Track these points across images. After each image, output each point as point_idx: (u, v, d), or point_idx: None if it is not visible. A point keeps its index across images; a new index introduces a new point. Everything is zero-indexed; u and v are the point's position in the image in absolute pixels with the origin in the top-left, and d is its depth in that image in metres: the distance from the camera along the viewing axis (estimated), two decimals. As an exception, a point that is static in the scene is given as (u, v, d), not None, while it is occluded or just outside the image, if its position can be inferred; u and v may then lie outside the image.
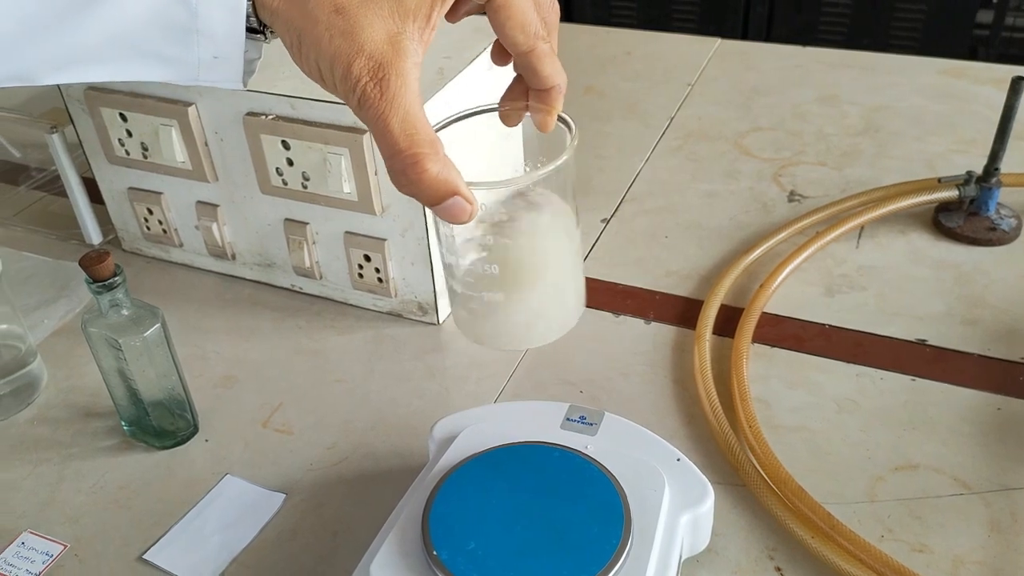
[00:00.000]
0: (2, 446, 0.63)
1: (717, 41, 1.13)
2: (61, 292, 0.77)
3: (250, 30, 0.38)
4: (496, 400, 0.64)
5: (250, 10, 0.37)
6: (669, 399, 0.63)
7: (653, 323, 0.70)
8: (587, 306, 0.71)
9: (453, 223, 0.38)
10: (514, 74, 0.44)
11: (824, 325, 0.68)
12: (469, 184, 0.38)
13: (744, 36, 1.86)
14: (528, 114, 0.45)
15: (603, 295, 0.73)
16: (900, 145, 0.90)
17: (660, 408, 0.62)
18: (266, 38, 0.39)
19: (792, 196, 0.84)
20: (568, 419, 0.52)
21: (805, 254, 0.74)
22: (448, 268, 0.46)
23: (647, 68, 1.09)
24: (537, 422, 0.52)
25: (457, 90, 0.67)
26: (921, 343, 0.66)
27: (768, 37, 1.85)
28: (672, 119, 0.98)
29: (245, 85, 0.41)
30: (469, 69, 0.68)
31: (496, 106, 0.46)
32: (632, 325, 0.70)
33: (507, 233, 0.44)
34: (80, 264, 0.55)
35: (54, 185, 0.92)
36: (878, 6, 1.74)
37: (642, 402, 0.63)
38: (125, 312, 0.57)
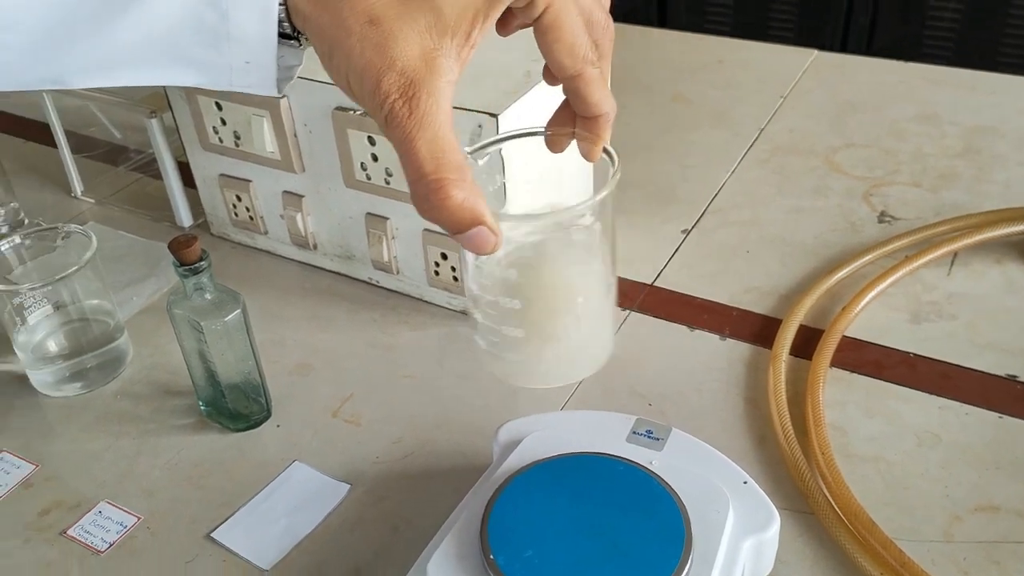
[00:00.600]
0: (88, 417, 0.66)
1: (814, 53, 1.10)
2: (151, 272, 0.80)
3: (283, 35, 0.37)
4: (563, 407, 0.63)
5: (283, 15, 0.36)
6: (740, 419, 0.61)
7: (729, 339, 0.68)
8: (663, 318, 0.71)
9: (476, 253, 0.37)
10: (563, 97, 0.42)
11: (908, 353, 0.66)
12: (497, 215, 0.36)
13: (843, 48, 1.81)
14: (575, 141, 0.43)
15: (679, 308, 0.72)
16: (1002, 169, 0.86)
17: (730, 427, 0.61)
18: (300, 44, 0.38)
19: (883, 217, 0.81)
20: (635, 432, 0.52)
21: (893, 278, 0.71)
22: (471, 296, 0.44)
23: (739, 77, 1.07)
24: (603, 433, 0.52)
25: (542, 94, 0.67)
26: (1011, 379, 0.63)
27: (868, 50, 1.79)
28: (762, 131, 0.95)
29: (281, 92, 0.40)
30: (556, 73, 0.68)
31: (543, 130, 0.44)
32: (707, 340, 0.69)
33: (534, 269, 0.42)
34: (168, 247, 0.57)
35: (150, 167, 0.95)
36: (987, 22, 1.67)
37: (712, 420, 0.62)
38: (208, 296, 0.59)
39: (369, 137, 0.67)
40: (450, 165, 0.34)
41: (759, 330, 0.69)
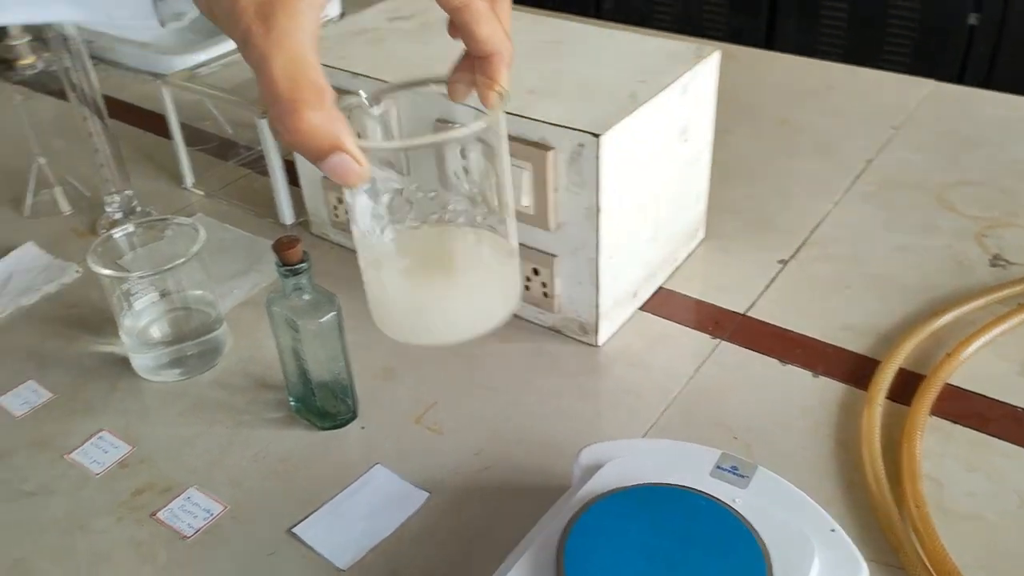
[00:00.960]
0: (183, 403, 0.68)
1: (930, 83, 1.06)
2: (252, 266, 0.83)
3: None
4: (646, 433, 0.63)
5: None
6: (829, 462, 0.59)
7: (821, 377, 0.66)
8: (754, 349, 0.69)
9: (342, 185, 0.35)
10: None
11: (1017, 407, 0.63)
12: (362, 144, 0.34)
13: (960, 79, 1.74)
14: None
15: (771, 340, 0.70)
16: None
17: (818, 470, 0.59)
18: None
19: (996, 260, 0.77)
20: (719, 467, 0.51)
21: (1004, 326, 0.68)
22: (355, 237, 0.41)
23: (848, 105, 1.04)
24: (686, 465, 0.51)
25: (649, 114, 0.66)
26: None
27: (987, 83, 1.72)
28: (870, 162, 0.92)
29: (164, 25, 0.39)
30: (664, 94, 0.67)
31: (444, 77, 0.42)
32: (798, 376, 0.67)
33: (415, 211, 0.38)
34: (272, 247, 0.59)
35: (257, 164, 0.99)
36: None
37: (799, 460, 0.60)
38: (306, 297, 0.60)
39: (461, 150, 0.68)
40: (307, 87, 0.32)
41: (854, 370, 0.67)
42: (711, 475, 0.50)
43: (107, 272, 0.66)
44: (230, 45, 1.23)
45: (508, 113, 0.65)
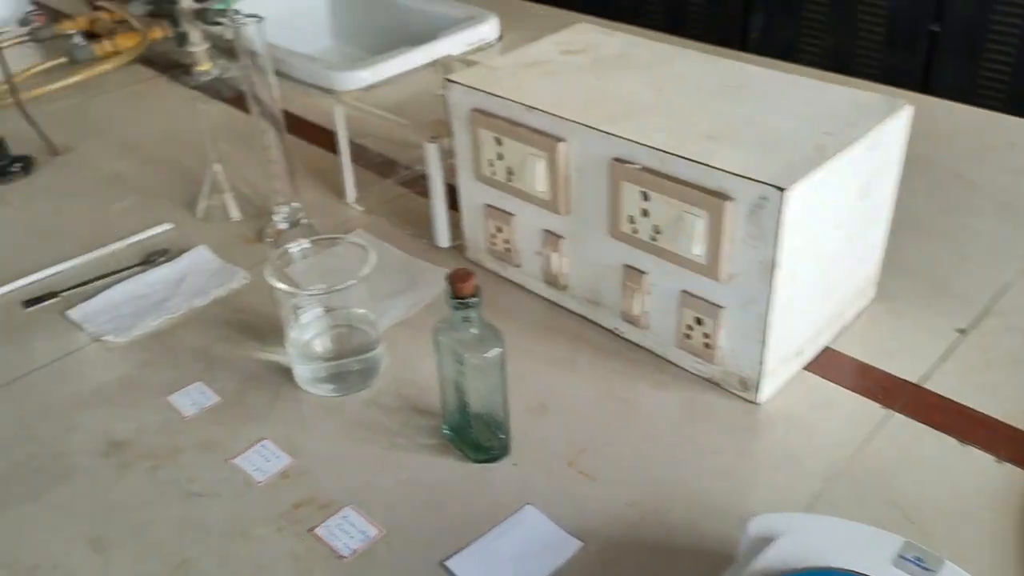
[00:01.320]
0: (340, 419, 0.70)
1: None
2: (408, 287, 0.84)
3: None
4: (811, 505, 0.60)
5: None
6: (1019, 561, 0.55)
7: (1006, 463, 0.62)
8: (928, 424, 0.65)
9: None
10: None
11: None
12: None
13: None
14: None
15: (948, 416, 0.66)
16: None
17: (1007, 568, 0.55)
18: None
19: None
20: (902, 557, 0.48)
21: None
22: None
23: (1034, 164, 0.97)
24: (865, 550, 0.48)
25: (836, 170, 0.64)
26: None
27: None
28: (1059, 228, 0.86)
29: None
30: (852, 149, 0.64)
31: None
32: (978, 459, 0.62)
33: None
34: (446, 278, 0.59)
35: (415, 184, 1.01)
36: None
37: (983, 555, 0.56)
38: (474, 330, 0.61)
39: (643, 192, 0.67)
40: None
41: (1042, 458, 0.62)
42: (894, 564, 0.47)
43: (284, 287, 0.68)
44: (397, 63, 1.26)
45: (684, 158, 0.64)
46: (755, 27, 2.05)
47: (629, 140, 0.67)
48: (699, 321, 0.69)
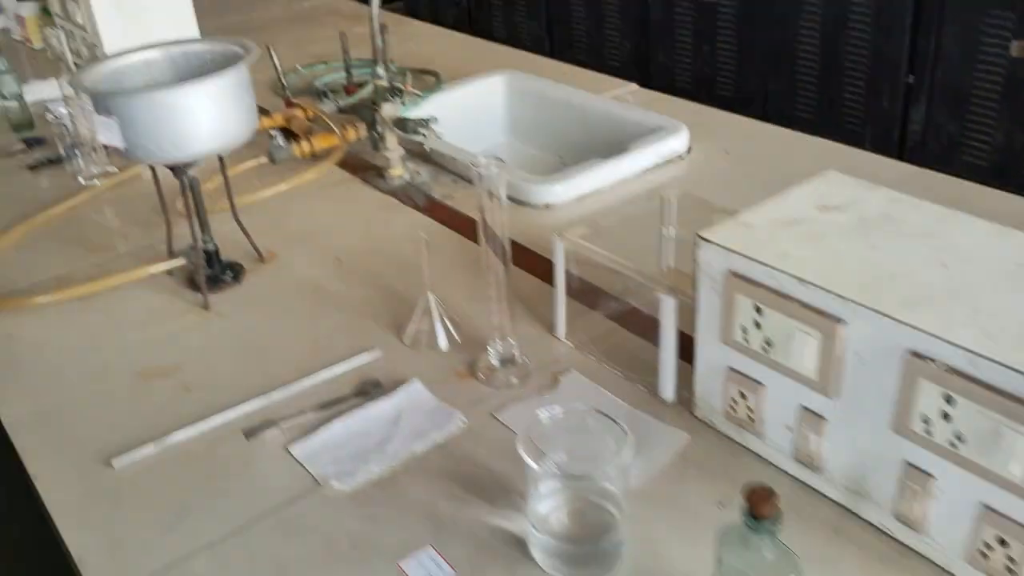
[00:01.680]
0: (586, 612, 0.64)
1: None
2: (637, 446, 0.79)
3: None
4: None
5: None
6: None
7: None
8: None
9: None
10: None
11: None
12: None
13: None
14: None
15: None
16: None
17: None
18: None
19: None
20: None
21: None
22: None
23: None
24: None
25: None
26: None
27: None
28: None
29: None
30: None
31: None
32: None
33: None
34: (744, 494, 0.54)
35: (625, 319, 0.96)
36: None
37: None
38: (767, 554, 0.55)
39: (947, 395, 0.60)
40: None
41: None
42: None
43: (535, 466, 0.64)
44: (593, 178, 1.23)
45: (998, 363, 0.56)
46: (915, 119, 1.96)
47: (929, 334, 0.61)
48: (1003, 542, 0.61)
